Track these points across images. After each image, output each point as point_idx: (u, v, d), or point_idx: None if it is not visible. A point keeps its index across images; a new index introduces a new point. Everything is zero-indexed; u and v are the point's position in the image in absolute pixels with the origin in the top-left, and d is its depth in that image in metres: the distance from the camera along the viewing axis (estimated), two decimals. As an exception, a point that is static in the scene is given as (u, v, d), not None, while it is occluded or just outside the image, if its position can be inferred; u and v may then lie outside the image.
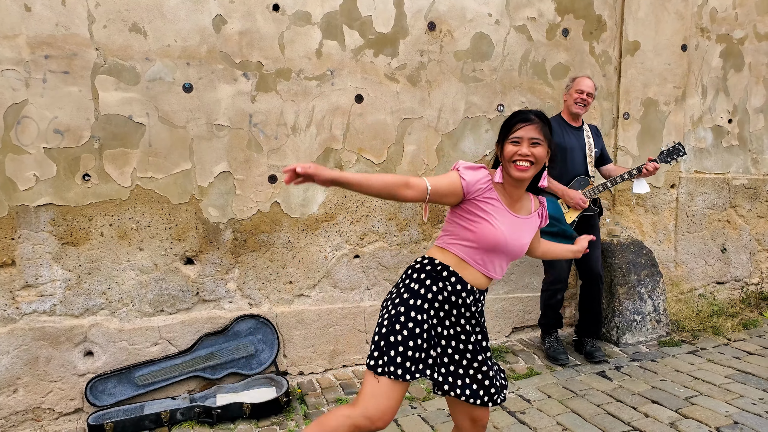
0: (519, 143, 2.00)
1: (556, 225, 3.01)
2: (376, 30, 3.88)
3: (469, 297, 2.10)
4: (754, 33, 5.07)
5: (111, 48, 3.37)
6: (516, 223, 2.09)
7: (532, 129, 2.01)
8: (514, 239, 2.06)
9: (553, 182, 3.84)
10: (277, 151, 3.74)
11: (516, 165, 1.99)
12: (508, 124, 2.06)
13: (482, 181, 2.01)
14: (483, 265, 2.09)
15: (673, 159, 3.85)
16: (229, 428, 3.30)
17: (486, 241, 2.03)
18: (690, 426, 3.04)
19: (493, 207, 2.03)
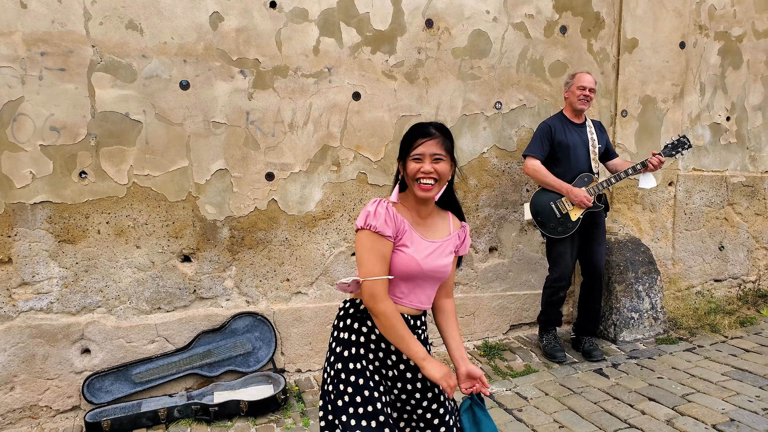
0: (421, 160, 1.86)
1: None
2: (373, 27, 3.87)
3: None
4: (753, 30, 5.07)
5: (107, 45, 3.36)
6: (431, 248, 1.93)
7: (434, 144, 1.87)
8: (430, 265, 1.90)
9: (557, 180, 3.83)
10: (274, 148, 3.74)
11: (420, 185, 1.86)
12: (408, 140, 1.91)
13: (392, 215, 1.86)
14: (406, 296, 1.93)
15: (679, 152, 3.83)
16: (227, 425, 3.30)
17: (399, 271, 1.87)
18: (687, 423, 3.04)
19: (409, 236, 1.89)
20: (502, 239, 4.40)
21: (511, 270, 4.45)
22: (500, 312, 4.43)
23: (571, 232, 3.84)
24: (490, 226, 4.35)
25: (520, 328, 4.53)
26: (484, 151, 4.27)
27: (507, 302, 4.45)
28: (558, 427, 3.07)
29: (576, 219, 3.81)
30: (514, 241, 4.44)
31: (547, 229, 3.90)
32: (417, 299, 1.94)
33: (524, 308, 4.50)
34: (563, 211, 3.83)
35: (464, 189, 4.23)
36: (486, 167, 4.29)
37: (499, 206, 4.35)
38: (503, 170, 4.34)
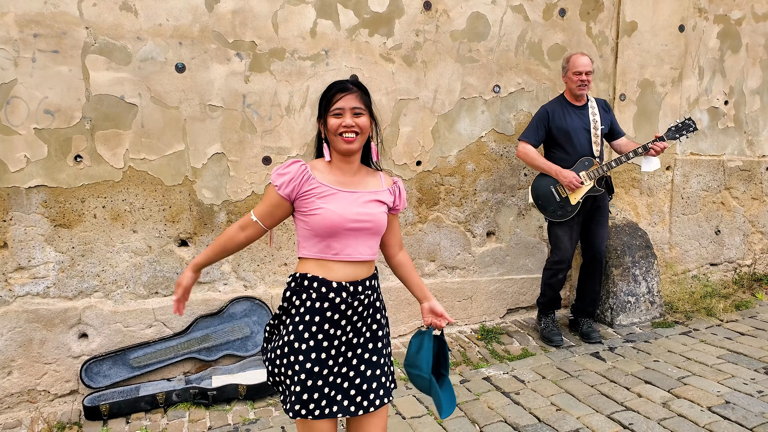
0: (341, 115, 1.88)
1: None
2: (371, 9, 3.83)
3: (339, 296, 1.90)
4: (752, 13, 5.04)
5: (101, 27, 3.32)
6: (352, 197, 1.93)
7: (353, 98, 1.90)
8: (354, 214, 1.91)
9: (547, 163, 3.83)
10: (271, 132, 3.71)
11: (342, 137, 1.88)
12: (327, 96, 1.93)
13: (297, 176, 1.89)
14: (340, 251, 1.92)
15: (683, 135, 3.79)
16: (225, 409, 3.31)
17: (323, 229, 1.89)
18: (682, 406, 3.07)
19: (323, 195, 1.90)
20: (500, 224, 4.40)
21: (508, 254, 4.45)
22: (497, 296, 4.44)
23: (570, 216, 3.84)
24: (488, 211, 4.34)
25: (517, 312, 4.54)
26: (482, 135, 4.25)
27: (504, 286, 4.46)
28: (555, 410, 3.09)
29: (576, 203, 3.81)
30: (511, 226, 4.44)
31: (548, 213, 3.90)
32: (355, 251, 1.93)
33: (521, 292, 4.51)
34: (563, 195, 3.82)
35: (462, 173, 4.21)
36: (484, 151, 4.27)
37: (496, 191, 4.34)
38: (501, 154, 4.32)
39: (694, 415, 2.97)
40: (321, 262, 1.92)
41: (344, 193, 1.92)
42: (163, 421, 3.22)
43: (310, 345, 1.87)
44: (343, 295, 1.90)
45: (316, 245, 1.91)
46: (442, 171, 4.17)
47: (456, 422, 2.99)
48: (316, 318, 1.88)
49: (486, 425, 2.96)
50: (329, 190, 1.90)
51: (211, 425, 3.15)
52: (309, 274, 1.91)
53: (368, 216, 1.93)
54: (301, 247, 1.95)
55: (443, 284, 4.23)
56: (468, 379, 3.52)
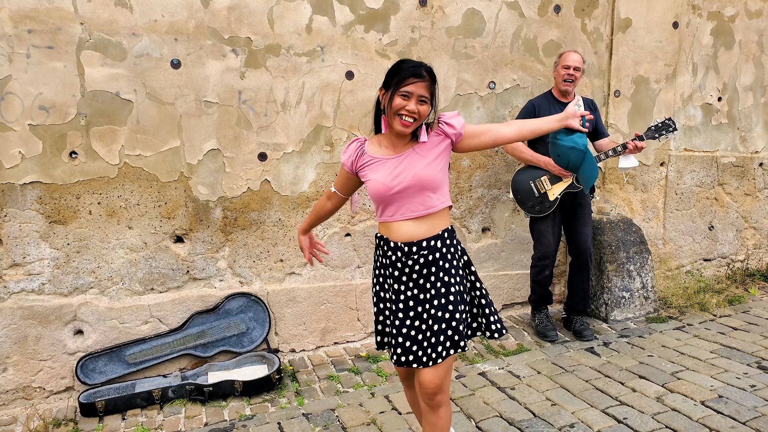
0: (408, 98, 1.99)
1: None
2: (366, 5, 3.83)
3: (397, 254, 2.13)
4: (745, 10, 5.06)
5: (96, 22, 3.30)
6: (396, 162, 2.10)
7: (423, 86, 2.00)
8: (399, 178, 2.08)
9: (535, 155, 3.86)
10: (266, 128, 3.71)
11: (401, 120, 2.01)
12: (400, 75, 2.01)
13: (353, 153, 2.19)
14: (395, 213, 2.12)
15: (663, 135, 3.83)
16: (221, 405, 3.31)
17: (377, 196, 2.13)
18: (676, 400, 3.09)
19: (371, 166, 2.14)
20: (495, 219, 4.41)
21: (503, 250, 4.47)
22: (493, 291, 4.45)
23: (549, 211, 3.86)
24: (483, 207, 4.35)
25: (512, 307, 4.56)
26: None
27: (500, 282, 4.47)
28: (550, 405, 3.11)
29: (554, 198, 3.84)
30: (506, 222, 4.45)
31: (526, 208, 3.94)
32: (408, 210, 2.11)
33: (517, 288, 4.53)
34: (541, 191, 3.85)
35: (457, 169, 4.22)
36: (479, 147, 4.28)
37: (492, 186, 4.36)
38: (496, 150, 4.33)
39: (687, 409, 2.99)
40: (384, 225, 2.18)
41: (388, 160, 2.11)
42: (159, 417, 3.22)
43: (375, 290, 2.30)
44: (398, 254, 2.13)
45: (378, 209, 2.18)
46: (438, 167, 4.17)
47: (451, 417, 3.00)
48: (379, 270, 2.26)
49: (481, 420, 2.97)
50: (376, 160, 2.13)
51: (207, 421, 3.15)
52: (378, 233, 2.24)
53: (419, 174, 2.06)
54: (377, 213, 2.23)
55: (439, 280, 4.24)
56: (464, 374, 3.53)
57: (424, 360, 2.08)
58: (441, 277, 2.11)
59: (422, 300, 2.12)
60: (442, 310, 2.09)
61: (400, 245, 2.12)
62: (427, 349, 2.08)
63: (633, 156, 3.90)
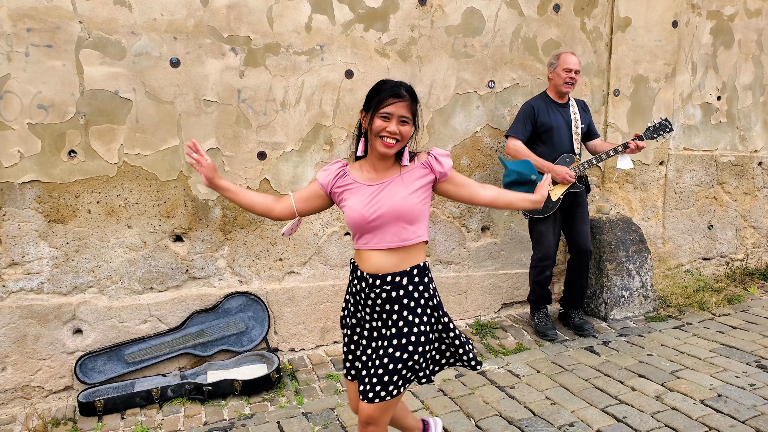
0: (388, 119, 1.94)
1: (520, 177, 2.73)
2: (366, 4, 3.82)
3: (361, 284, 2.07)
4: (744, 9, 5.06)
5: (95, 21, 3.30)
6: (377, 189, 2.01)
7: (403, 106, 1.95)
8: (376, 206, 1.99)
9: (539, 159, 3.85)
10: (266, 127, 3.70)
11: (383, 141, 1.95)
12: (379, 96, 1.96)
13: (334, 173, 2.09)
14: (369, 242, 2.04)
15: (660, 135, 3.84)
16: (221, 404, 3.31)
17: (352, 224, 2.04)
18: (675, 399, 3.10)
19: (350, 190, 2.05)
20: (495, 219, 4.41)
21: (503, 249, 4.47)
22: (492, 291, 4.45)
23: (551, 212, 3.87)
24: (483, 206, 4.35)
25: (512, 306, 4.56)
26: (477, 130, 4.25)
27: (499, 281, 4.47)
28: (550, 404, 3.11)
29: (556, 199, 3.84)
30: (506, 221, 4.45)
31: (528, 209, 3.92)
32: (382, 240, 2.03)
33: (516, 287, 4.53)
34: None
35: (457, 168, 4.22)
36: (479, 146, 4.28)
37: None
38: (496, 149, 4.33)
39: (687, 408, 2.99)
40: (358, 253, 2.11)
41: (368, 186, 2.02)
42: (159, 416, 3.22)
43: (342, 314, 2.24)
44: (362, 284, 2.08)
45: (354, 236, 2.09)
46: (437, 166, 4.17)
47: (451, 416, 3.00)
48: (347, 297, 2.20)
49: (481, 419, 2.97)
50: (356, 185, 2.05)
51: (207, 420, 3.15)
52: (353, 259, 2.17)
53: (399, 204, 1.99)
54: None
55: (438, 279, 4.24)
56: (463, 373, 3.53)
57: (369, 395, 1.98)
58: (404, 316, 2.02)
59: (384, 335, 2.05)
60: (401, 351, 1.98)
61: (365, 275, 2.06)
62: (375, 386, 1.98)
63: (629, 157, 3.92)
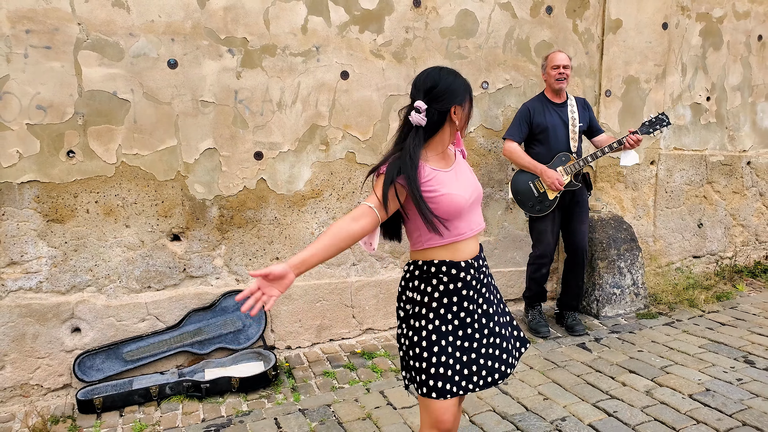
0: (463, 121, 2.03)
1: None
2: (361, 6, 3.87)
3: (468, 273, 2.00)
4: (733, 12, 5.14)
5: (93, 23, 3.33)
6: (456, 175, 2.02)
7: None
8: (469, 191, 2.01)
9: (532, 162, 3.92)
10: (263, 127, 3.75)
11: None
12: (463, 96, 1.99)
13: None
14: (467, 229, 2.00)
15: (657, 129, 3.89)
16: (218, 402, 3.36)
17: (455, 210, 1.94)
18: (665, 394, 3.17)
19: (437, 180, 1.96)
20: (488, 218, 4.47)
21: (496, 248, 4.53)
22: (486, 289, 4.51)
23: (548, 211, 3.94)
24: (476, 205, 4.41)
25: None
26: (471, 130, 4.31)
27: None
28: (542, 399, 3.17)
29: (553, 198, 3.91)
30: (499, 220, 4.51)
31: (527, 208, 4.00)
32: (475, 224, 2.04)
33: (509, 285, 4.60)
34: (540, 191, 3.92)
35: (451, 168, 4.28)
36: (473, 146, 4.34)
37: (485, 185, 4.41)
38: (489, 149, 4.39)
39: (675, 402, 3.06)
40: (448, 246, 1.98)
41: (446, 173, 2.00)
42: (157, 414, 3.26)
43: (455, 324, 1.98)
44: (471, 271, 2.00)
45: (444, 230, 1.94)
46: (432, 166, 4.23)
47: (446, 411, 3.06)
48: (454, 299, 1.98)
49: (475, 414, 3.03)
50: (442, 173, 1.98)
51: (205, 417, 3.19)
52: (436, 260, 1.98)
53: (476, 185, 2.06)
54: (424, 238, 1.99)
55: (432, 277, 4.29)
56: (457, 370, 3.59)
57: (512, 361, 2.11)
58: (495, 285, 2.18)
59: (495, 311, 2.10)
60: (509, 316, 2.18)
61: (470, 262, 2.01)
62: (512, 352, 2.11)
63: (633, 152, 3.96)
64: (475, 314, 2.01)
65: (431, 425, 1.97)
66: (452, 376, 1.95)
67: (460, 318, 1.99)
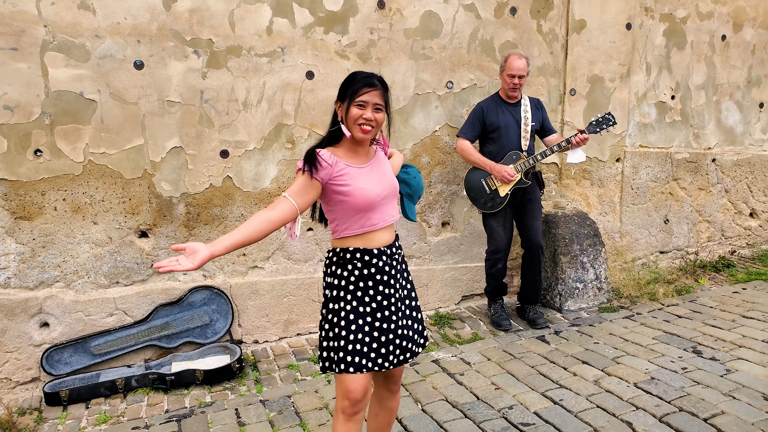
0: (364, 107, 2.07)
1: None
2: (326, 8, 3.96)
3: (380, 260, 2.18)
4: (696, 12, 5.25)
5: (60, 25, 3.41)
6: (371, 171, 2.17)
7: (377, 95, 2.09)
8: (381, 186, 2.16)
9: (482, 159, 4.04)
10: (228, 126, 3.84)
11: (361, 128, 2.08)
12: (353, 86, 2.09)
13: (330, 160, 2.09)
14: (377, 222, 2.17)
15: (603, 129, 4.01)
16: (183, 393, 3.45)
17: (365, 204, 2.11)
18: (611, 383, 3.28)
19: (349, 174, 2.10)
20: (454, 214, 4.58)
21: (463, 243, 4.63)
22: (452, 283, 4.62)
23: (500, 207, 4.05)
24: (443, 202, 4.52)
25: (471, 298, 4.73)
26: (437, 129, 4.41)
27: (459, 274, 4.64)
28: (494, 389, 3.28)
29: (504, 195, 4.02)
30: (465, 216, 4.61)
31: (479, 205, 4.12)
32: (389, 215, 2.21)
33: (476, 279, 4.70)
34: (492, 188, 4.03)
35: (417, 165, 4.37)
36: (438, 144, 4.44)
37: (451, 182, 4.52)
38: (455, 147, 4.49)
39: (620, 390, 3.17)
40: (362, 235, 2.16)
41: (360, 168, 2.15)
42: (122, 405, 3.35)
43: (373, 306, 2.15)
44: (384, 258, 2.18)
45: (357, 222, 2.14)
46: (398, 164, 4.33)
47: (400, 401, 3.16)
48: (369, 283, 2.16)
49: (427, 403, 3.13)
50: (350, 168, 2.12)
51: (168, 408, 3.29)
52: (351, 247, 2.16)
53: (392, 182, 2.23)
54: (341, 226, 2.16)
55: (399, 273, 4.40)
56: (418, 361, 3.69)
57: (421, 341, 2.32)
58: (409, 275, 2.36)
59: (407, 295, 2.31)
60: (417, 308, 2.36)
61: (382, 249, 2.19)
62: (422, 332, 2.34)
63: (580, 150, 4.08)
64: (392, 297, 2.19)
65: (342, 396, 2.14)
66: (368, 353, 2.12)
67: (377, 301, 2.17)
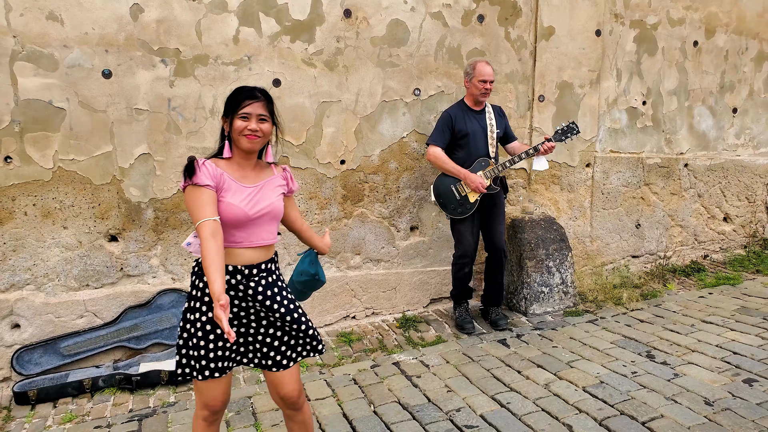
0: (248, 119, 2.12)
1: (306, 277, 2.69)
2: (292, 17, 4.05)
3: (234, 278, 2.15)
4: (668, 18, 5.32)
5: (28, 35, 3.51)
6: (253, 191, 2.18)
7: (260, 106, 2.14)
8: (256, 208, 2.16)
9: (456, 167, 4.11)
10: (196, 133, 3.93)
11: (247, 137, 2.12)
12: (236, 101, 2.14)
13: (214, 170, 2.11)
14: (246, 239, 2.17)
15: (568, 137, 4.11)
16: (148, 394, 3.55)
17: (230, 220, 2.12)
18: (561, 386, 3.36)
19: (227, 189, 2.13)
20: (423, 219, 4.66)
21: (431, 247, 4.72)
22: (421, 287, 4.71)
23: (469, 213, 4.12)
24: (411, 207, 4.60)
25: (440, 301, 4.82)
26: (404, 135, 4.50)
27: (427, 277, 4.73)
28: (446, 392, 3.36)
29: (474, 201, 4.10)
30: (433, 220, 4.70)
31: (449, 210, 4.19)
32: (258, 237, 2.20)
33: (444, 283, 4.79)
34: (462, 194, 4.11)
35: (385, 171, 4.47)
36: (406, 151, 4.53)
37: (419, 188, 4.60)
38: (422, 153, 4.58)
39: (568, 394, 3.26)
40: (225, 249, 2.13)
41: (245, 187, 2.19)
42: (89, 405, 3.46)
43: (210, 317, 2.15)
44: (237, 277, 2.15)
45: (226, 236, 2.11)
46: (366, 169, 4.42)
47: (353, 403, 3.26)
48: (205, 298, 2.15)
49: (379, 405, 3.23)
50: (234, 184, 2.16)
51: (132, 408, 3.39)
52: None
53: (273, 206, 2.21)
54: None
55: (368, 276, 4.50)
56: (379, 364, 3.79)
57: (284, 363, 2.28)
58: (285, 296, 2.26)
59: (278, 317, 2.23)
60: (297, 322, 2.27)
61: (239, 268, 2.17)
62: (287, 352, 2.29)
63: (544, 158, 4.17)
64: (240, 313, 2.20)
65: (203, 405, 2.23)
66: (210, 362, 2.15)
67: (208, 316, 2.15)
